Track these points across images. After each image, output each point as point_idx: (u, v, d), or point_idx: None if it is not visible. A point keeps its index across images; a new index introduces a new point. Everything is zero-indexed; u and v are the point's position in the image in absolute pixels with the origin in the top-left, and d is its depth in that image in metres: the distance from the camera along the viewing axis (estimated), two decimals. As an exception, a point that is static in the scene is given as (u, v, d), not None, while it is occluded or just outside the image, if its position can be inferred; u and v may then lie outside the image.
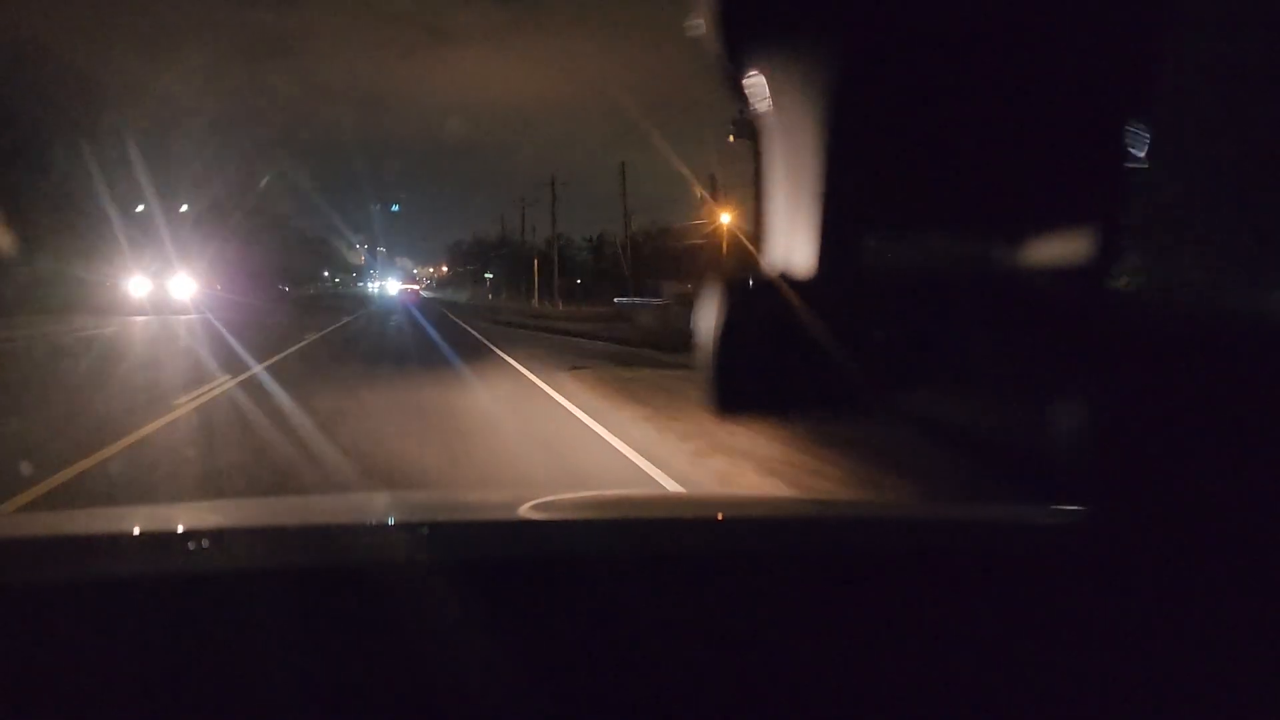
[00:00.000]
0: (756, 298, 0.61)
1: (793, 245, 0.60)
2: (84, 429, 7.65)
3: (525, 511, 1.49)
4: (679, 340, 17.34)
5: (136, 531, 1.34)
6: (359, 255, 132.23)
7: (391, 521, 1.45)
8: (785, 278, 0.60)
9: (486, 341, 22.27)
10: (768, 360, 0.60)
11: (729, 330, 0.59)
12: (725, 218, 34.21)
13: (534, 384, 12.53)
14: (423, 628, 1.03)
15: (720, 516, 1.66)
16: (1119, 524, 0.76)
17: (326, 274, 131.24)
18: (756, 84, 0.59)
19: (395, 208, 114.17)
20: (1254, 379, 0.55)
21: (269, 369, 13.01)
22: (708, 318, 0.59)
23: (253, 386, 10.95)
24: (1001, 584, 1.11)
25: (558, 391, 11.41)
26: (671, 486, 6.04)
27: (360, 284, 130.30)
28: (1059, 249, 0.59)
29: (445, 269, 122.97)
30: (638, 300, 37.59)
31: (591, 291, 59.51)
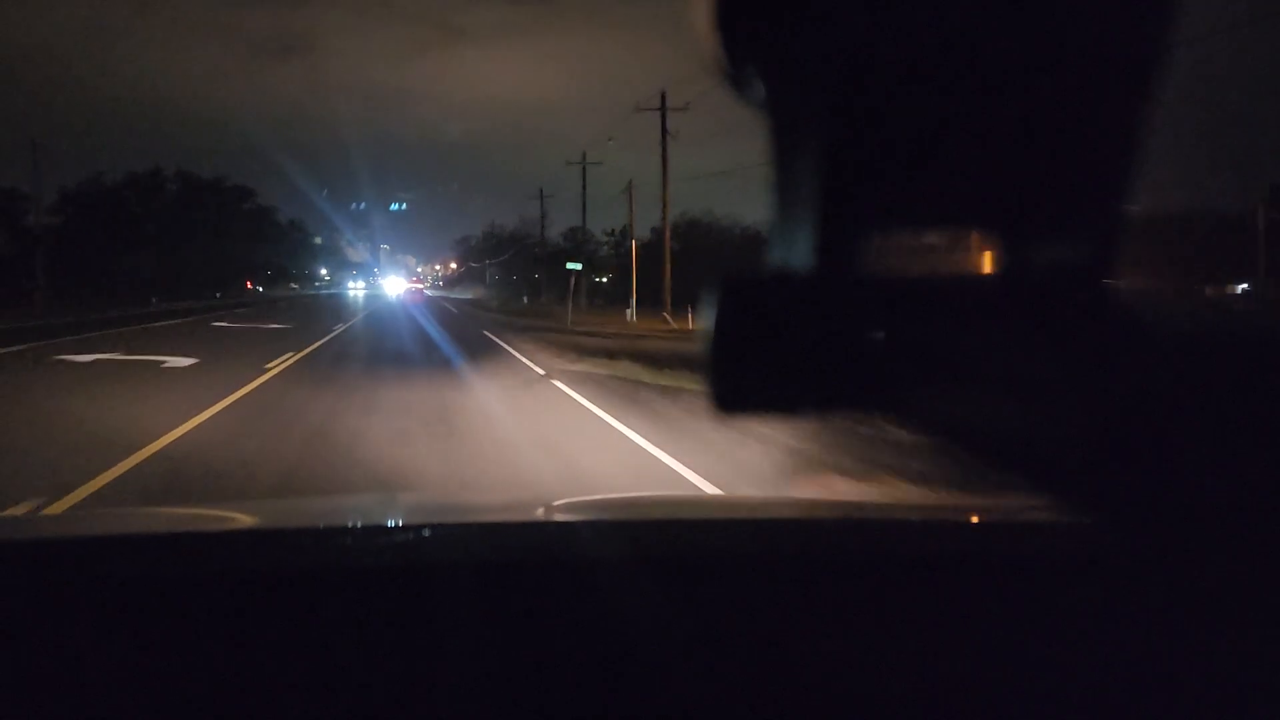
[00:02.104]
0: (756, 296, 0.61)
1: (793, 244, 0.60)
2: None
3: (527, 514, 1.50)
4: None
5: (143, 534, 1.35)
6: (359, 252, 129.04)
7: (395, 523, 1.46)
8: (785, 276, 0.60)
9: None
10: (768, 360, 0.60)
11: (728, 329, 0.59)
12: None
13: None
14: (425, 630, 1.03)
15: (721, 518, 1.66)
16: (1120, 524, 0.75)
17: (324, 271, 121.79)
18: (755, 82, 0.59)
19: (394, 206, 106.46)
20: (1255, 380, 0.55)
21: None
22: (709, 317, 0.59)
23: None
24: (1002, 584, 1.11)
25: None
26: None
27: (359, 281, 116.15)
28: (1059, 248, 0.59)
29: (454, 266, 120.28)
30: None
31: (622, 296, 43.29)
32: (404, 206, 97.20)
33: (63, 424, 7.93)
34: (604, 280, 62.60)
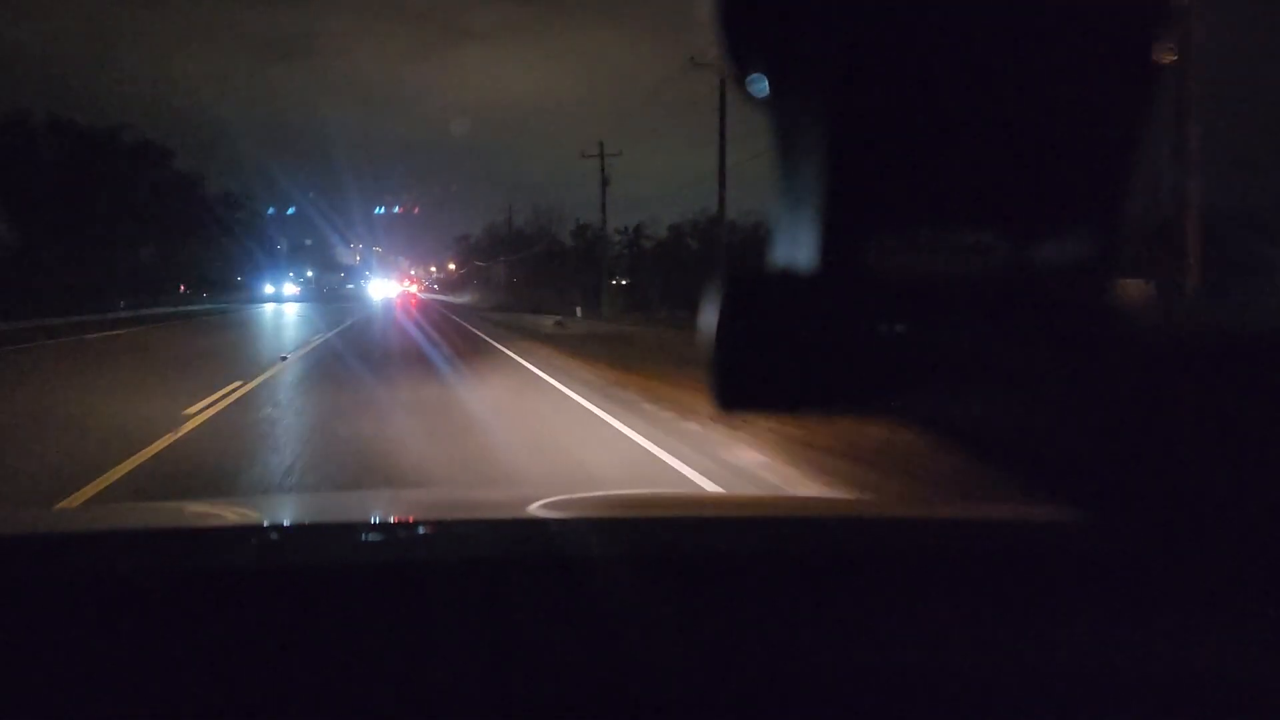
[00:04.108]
0: (759, 294, 0.61)
1: (796, 242, 0.60)
2: None
3: (523, 511, 1.50)
4: None
5: (152, 529, 1.36)
6: (348, 254, 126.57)
7: (394, 520, 1.46)
8: (788, 274, 0.60)
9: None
10: (770, 357, 0.60)
11: (730, 327, 0.59)
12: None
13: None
14: (423, 627, 1.03)
15: (718, 516, 1.66)
16: (1120, 524, 0.76)
17: (310, 274, 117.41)
18: (758, 80, 0.59)
19: (379, 210, 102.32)
20: (1256, 381, 0.55)
21: None
22: (710, 314, 0.59)
23: None
24: (1002, 584, 1.11)
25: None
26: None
27: (349, 283, 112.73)
28: (1062, 248, 0.59)
29: (453, 267, 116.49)
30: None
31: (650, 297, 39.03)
32: (397, 210, 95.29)
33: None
34: (621, 283, 57.87)
